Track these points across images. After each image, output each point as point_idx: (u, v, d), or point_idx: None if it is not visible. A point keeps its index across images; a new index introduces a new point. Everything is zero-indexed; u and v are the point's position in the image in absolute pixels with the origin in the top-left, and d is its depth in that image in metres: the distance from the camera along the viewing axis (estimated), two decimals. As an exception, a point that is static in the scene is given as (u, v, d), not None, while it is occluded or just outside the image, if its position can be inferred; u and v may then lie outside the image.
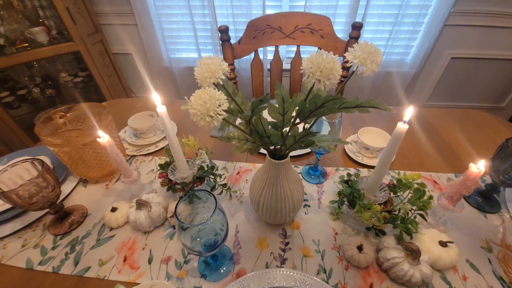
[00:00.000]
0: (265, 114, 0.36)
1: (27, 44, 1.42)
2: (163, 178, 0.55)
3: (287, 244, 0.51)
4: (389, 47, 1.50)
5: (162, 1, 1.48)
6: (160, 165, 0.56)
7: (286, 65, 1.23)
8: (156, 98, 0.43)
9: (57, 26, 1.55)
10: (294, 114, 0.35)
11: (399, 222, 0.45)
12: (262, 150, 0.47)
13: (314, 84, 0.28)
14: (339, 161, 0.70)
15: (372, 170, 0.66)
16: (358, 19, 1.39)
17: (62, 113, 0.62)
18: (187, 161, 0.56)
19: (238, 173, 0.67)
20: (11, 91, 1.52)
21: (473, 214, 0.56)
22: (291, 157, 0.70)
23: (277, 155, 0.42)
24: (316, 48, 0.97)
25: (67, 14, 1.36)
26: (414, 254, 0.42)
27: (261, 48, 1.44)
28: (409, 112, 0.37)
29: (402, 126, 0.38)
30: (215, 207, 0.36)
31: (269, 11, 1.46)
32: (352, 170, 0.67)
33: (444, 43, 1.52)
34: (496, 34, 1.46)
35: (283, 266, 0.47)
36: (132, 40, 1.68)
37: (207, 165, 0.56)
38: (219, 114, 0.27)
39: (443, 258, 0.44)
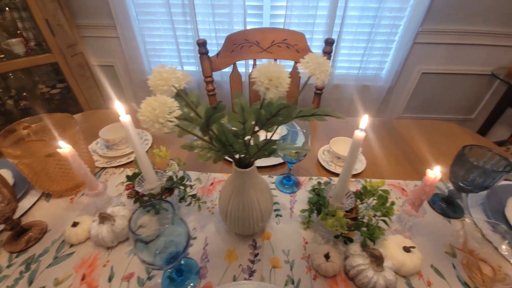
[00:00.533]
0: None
1: (3, 55, 1.38)
2: (130, 190, 0.54)
3: (256, 255, 0.50)
4: (364, 62, 1.58)
5: (145, 15, 1.50)
6: (127, 176, 0.54)
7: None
8: (119, 107, 0.43)
9: (35, 37, 1.53)
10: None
11: (364, 228, 0.46)
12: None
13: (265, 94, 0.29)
14: (312, 171, 0.71)
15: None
16: (335, 36, 1.47)
17: (27, 124, 0.60)
18: (156, 172, 0.55)
19: (212, 184, 0.66)
20: (-18, 103, 1.45)
21: (438, 220, 0.57)
22: (265, 167, 0.71)
23: (243, 164, 0.43)
24: (292, 62, 1.00)
25: (46, 26, 1.35)
26: (377, 260, 0.43)
27: (243, 62, 1.48)
28: (364, 120, 0.39)
29: (359, 134, 0.39)
30: (173, 216, 0.35)
31: (250, 27, 1.52)
32: (324, 179, 0.68)
33: (415, 59, 1.63)
34: (464, 51, 1.58)
35: (251, 279, 0.46)
36: (114, 52, 1.67)
37: (177, 176, 0.55)
38: (170, 121, 0.27)
39: (407, 264, 0.45)
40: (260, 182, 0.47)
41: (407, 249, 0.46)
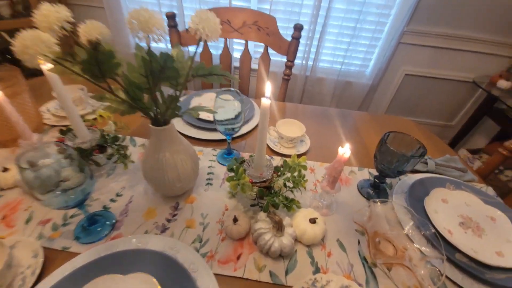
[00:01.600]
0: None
1: (-15, 15, 1.38)
2: (59, 144, 0.55)
3: (174, 215, 0.52)
4: (347, 58, 1.58)
5: (131, -12, 1.49)
6: (60, 130, 0.56)
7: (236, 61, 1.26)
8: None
9: (23, 1, 1.52)
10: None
11: (277, 195, 0.48)
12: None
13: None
14: (257, 149, 0.73)
15: (286, 158, 0.69)
16: (319, 28, 1.46)
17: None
18: (90, 130, 0.57)
19: (155, 150, 0.68)
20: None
21: (361, 202, 0.59)
22: (211, 140, 0.72)
23: (159, 122, 0.44)
24: (263, 45, 1.01)
25: (30, -11, 1.34)
26: (277, 225, 0.45)
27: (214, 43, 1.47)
28: (268, 87, 0.40)
29: (265, 101, 0.41)
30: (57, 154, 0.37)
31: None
32: (268, 158, 0.70)
33: (399, 59, 1.63)
34: (449, 55, 1.58)
35: (162, 235, 0.48)
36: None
37: (108, 135, 0.57)
38: (44, 55, 0.28)
39: (307, 233, 0.47)
40: (179, 144, 0.48)
41: (312, 220, 0.48)
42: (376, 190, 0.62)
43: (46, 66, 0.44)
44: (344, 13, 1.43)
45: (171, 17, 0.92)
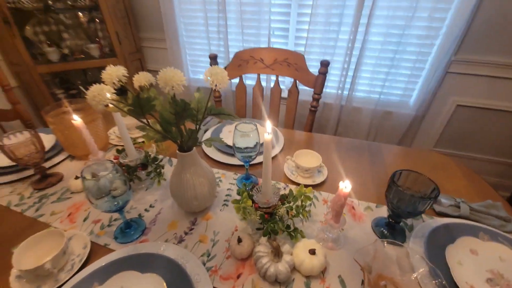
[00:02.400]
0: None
1: (83, 56, 1.83)
2: (116, 160, 0.70)
3: (191, 229, 0.60)
4: (386, 87, 1.54)
5: (188, 32, 1.79)
6: (117, 150, 0.71)
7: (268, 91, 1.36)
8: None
9: (108, 45, 1.97)
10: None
11: (277, 222, 0.52)
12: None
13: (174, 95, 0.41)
14: (277, 177, 0.77)
15: (293, 187, 0.72)
16: (354, 59, 1.49)
17: (67, 103, 0.83)
18: (138, 150, 0.71)
19: (186, 170, 0.79)
20: (65, 90, 1.93)
21: (372, 240, 0.58)
22: (234, 165, 0.80)
23: (183, 149, 0.54)
24: (292, 79, 1.09)
25: (116, 37, 1.74)
26: (275, 251, 0.48)
27: (249, 75, 1.62)
28: (268, 125, 0.46)
29: (267, 136, 0.47)
30: (112, 169, 0.48)
31: (275, 46, 1.66)
32: (281, 184, 0.74)
33: (448, 89, 1.51)
34: (505, 85, 1.40)
35: (178, 245, 0.56)
36: (163, 60, 2.02)
37: (150, 156, 0.70)
38: (104, 103, 0.40)
39: (305, 263, 0.48)
40: (199, 168, 0.57)
41: (311, 251, 0.50)
42: (391, 230, 0.59)
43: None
44: (381, 45, 1.43)
45: (213, 58, 1.09)
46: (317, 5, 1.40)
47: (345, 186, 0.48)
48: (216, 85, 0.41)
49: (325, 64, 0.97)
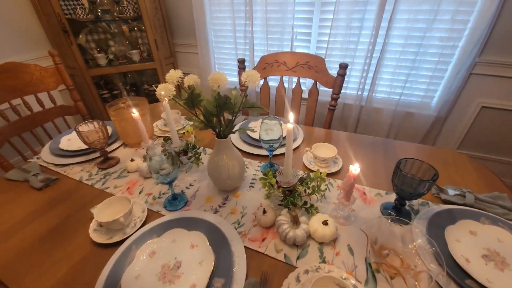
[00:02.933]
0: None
1: (126, 61, 2.07)
2: (163, 148, 0.85)
3: (224, 204, 0.72)
4: (407, 89, 1.57)
5: (217, 38, 1.96)
6: (164, 138, 0.86)
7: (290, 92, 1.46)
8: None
9: (147, 50, 2.20)
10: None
11: (296, 196, 0.62)
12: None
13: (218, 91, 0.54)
14: (296, 166, 0.88)
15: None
16: (374, 61, 1.54)
17: (124, 100, 1.01)
18: (180, 140, 0.85)
19: (218, 158, 0.92)
20: (109, 91, 2.19)
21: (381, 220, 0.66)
22: (260, 156, 0.92)
23: (221, 136, 0.67)
24: (312, 81, 1.19)
25: (154, 43, 1.95)
26: (294, 219, 0.59)
27: (272, 77, 1.73)
28: (291, 115, 0.57)
29: (289, 126, 0.58)
30: (166, 153, 0.62)
31: (297, 50, 1.76)
32: (300, 172, 0.84)
33: (472, 91, 1.50)
34: (536, 88, 1.37)
35: (214, 214, 0.69)
36: (194, 64, 2.21)
37: (190, 144, 0.84)
38: (169, 97, 0.54)
39: (318, 231, 0.58)
40: (232, 153, 0.70)
41: (324, 222, 0.60)
42: (398, 213, 0.67)
43: (165, 100, 0.74)
44: (402, 47, 1.47)
45: (241, 61, 1.22)
46: (339, 11, 1.49)
47: (355, 168, 0.58)
48: (250, 84, 0.53)
49: (343, 67, 1.06)
